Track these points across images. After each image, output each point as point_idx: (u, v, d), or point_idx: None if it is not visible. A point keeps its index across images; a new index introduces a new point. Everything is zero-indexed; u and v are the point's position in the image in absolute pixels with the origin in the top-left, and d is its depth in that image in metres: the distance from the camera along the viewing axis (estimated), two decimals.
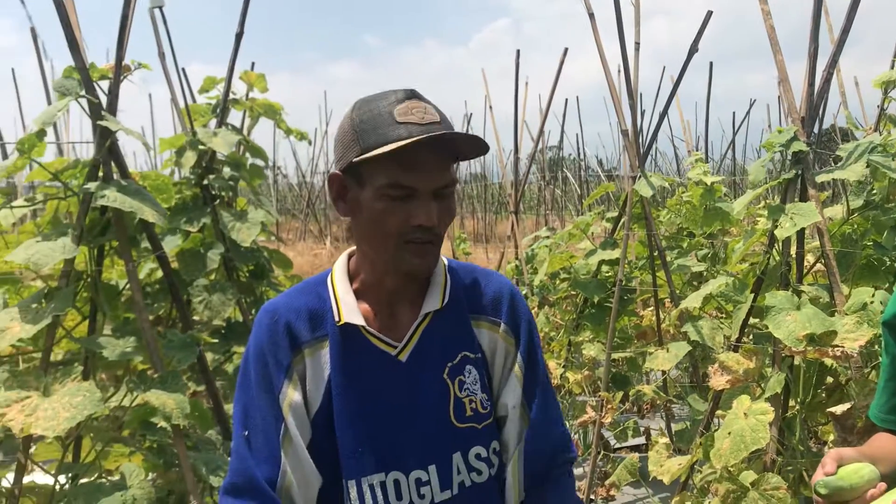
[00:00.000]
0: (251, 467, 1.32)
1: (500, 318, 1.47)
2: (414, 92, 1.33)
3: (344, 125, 1.34)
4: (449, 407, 1.41)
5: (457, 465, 1.41)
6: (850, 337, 2.32)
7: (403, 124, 1.27)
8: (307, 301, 1.41)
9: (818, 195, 2.64)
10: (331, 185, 1.37)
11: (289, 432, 1.34)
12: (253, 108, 4.09)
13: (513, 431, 1.46)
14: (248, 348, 1.40)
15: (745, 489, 2.27)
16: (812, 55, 2.62)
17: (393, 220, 1.30)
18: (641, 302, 5.44)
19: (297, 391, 1.36)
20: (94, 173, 2.42)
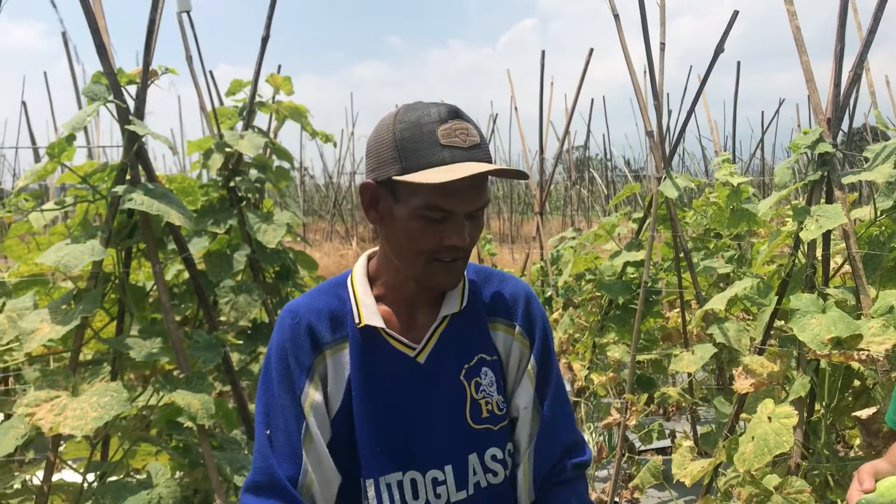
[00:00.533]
0: (273, 465, 1.35)
1: (515, 320, 1.49)
2: (456, 110, 1.33)
3: (383, 136, 1.33)
4: (465, 408, 1.43)
5: (473, 465, 1.43)
6: (875, 340, 2.29)
7: (447, 147, 1.28)
8: (328, 302, 1.43)
9: (845, 197, 2.62)
10: (363, 193, 1.38)
11: (310, 431, 1.37)
12: (279, 110, 4.13)
13: (524, 432, 1.48)
14: (271, 348, 1.42)
15: (769, 493, 2.25)
16: (838, 55, 2.60)
17: (426, 241, 1.33)
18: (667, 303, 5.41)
19: (318, 391, 1.38)
20: (121, 176, 2.47)
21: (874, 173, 2.53)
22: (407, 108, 1.33)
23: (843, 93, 2.62)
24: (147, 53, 2.47)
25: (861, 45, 2.61)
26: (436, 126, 1.29)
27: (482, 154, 1.32)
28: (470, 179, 1.28)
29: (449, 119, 1.30)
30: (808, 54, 2.72)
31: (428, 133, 1.29)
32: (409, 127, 1.30)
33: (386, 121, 1.34)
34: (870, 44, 2.61)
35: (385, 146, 1.31)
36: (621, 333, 4.42)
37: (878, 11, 2.55)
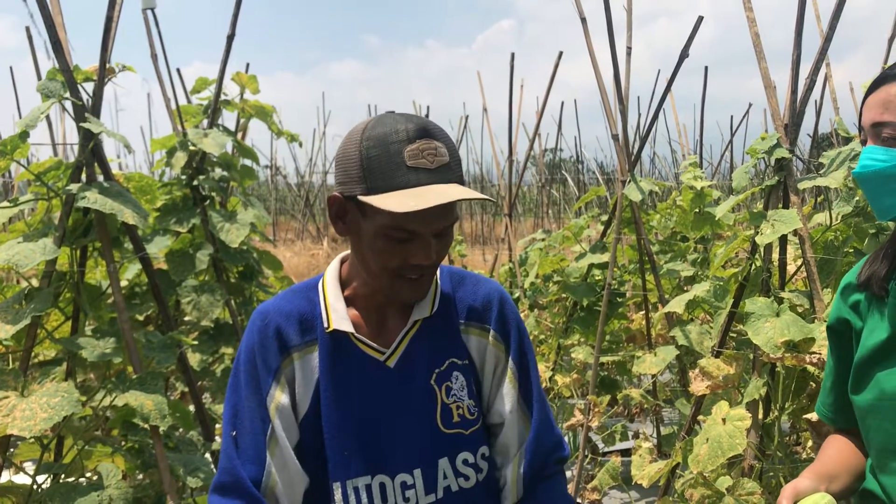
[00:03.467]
0: (237, 467, 1.36)
1: (489, 324, 1.49)
2: (426, 128, 1.30)
3: (350, 151, 1.31)
4: (436, 413, 1.43)
5: (443, 469, 1.43)
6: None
7: (413, 169, 1.27)
8: (298, 305, 1.44)
9: (800, 202, 2.65)
10: (330, 205, 1.37)
11: (275, 434, 1.37)
12: (245, 109, 4.11)
13: (512, 435, 1.49)
14: (240, 350, 1.43)
15: (721, 495, 2.27)
16: (795, 62, 2.63)
17: (391, 259, 1.33)
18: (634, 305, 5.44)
19: (284, 394, 1.39)
20: (77, 174, 2.44)
21: (829, 178, 2.56)
22: (376, 122, 1.31)
23: (800, 99, 2.66)
24: (104, 51, 2.44)
25: (817, 52, 2.65)
26: (403, 146, 1.27)
27: (451, 174, 1.30)
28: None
29: (417, 138, 1.28)
30: (766, 61, 2.75)
31: (395, 153, 1.27)
32: (376, 144, 1.28)
33: (354, 135, 1.32)
34: (825, 51, 2.64)
35: (352, 162, 1.30)
36: (586, 335, 4.45)
37: (834, 20, 2.59)
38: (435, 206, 1.25)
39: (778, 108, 2.71)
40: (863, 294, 1.47)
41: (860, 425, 1.46)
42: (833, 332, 1.55)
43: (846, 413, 1.52)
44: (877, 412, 1.39)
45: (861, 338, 1.45)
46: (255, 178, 4.22)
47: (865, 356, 1.42)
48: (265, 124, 4.15)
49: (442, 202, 1.24)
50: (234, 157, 4.05)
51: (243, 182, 4.05)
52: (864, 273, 1.46)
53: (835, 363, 1.57)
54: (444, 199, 1.25)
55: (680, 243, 4.73)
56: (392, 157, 1.27)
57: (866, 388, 1.41)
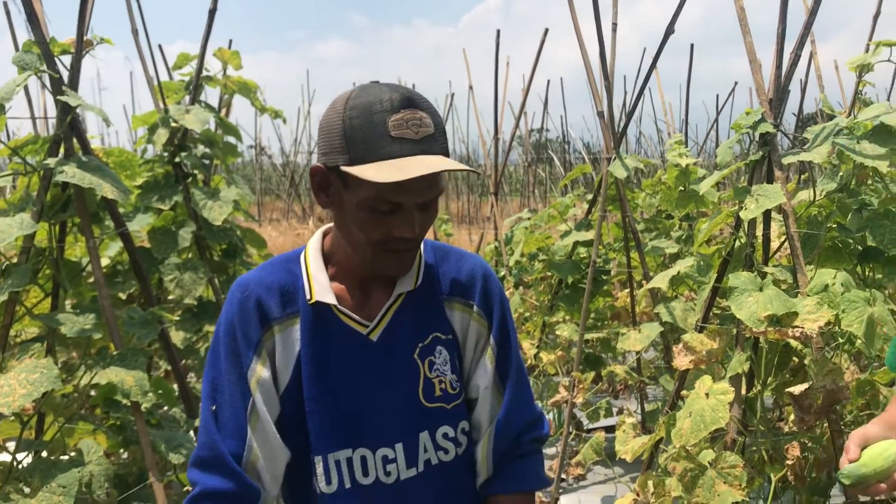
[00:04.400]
0: (217, 441, 1.34)
1: (472, 299, 1.47)
2: (410, 97, 1.27)
3: (332, 121, 1.28)
4: (418, 387, 1.42)
5: (424, 443, 1.42)
6: (810, 318, 2.33)
7: (398, 140, 1.23)
8: (279, 277, 1.41)
9: (785, 177, 2.65)
10: (313, 176, 1.34)
11: (256, 408, 1.35)
12: (227, 85, 4.07)
13: (485, 412, 1.47)
14: (220, 323, 1.40)
15: (703, 467, 2.28)
16: (780, 37, 2.62)
17: (375, 231, 1.30)
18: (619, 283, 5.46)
19: (265, 367, 1.36)
20: (55, 149, 2.40)
21: (812, 154, 2.56)
22: (360, 91, 1.28)
23: (785, 73, 2.65)
24: (81, 22, 2.40)
25: (802, 26, 2.64)
26: (387, 115, 1.24)
27: (436, 146, 1.27)
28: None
29: (401, 108, 1.25)
30: (751, 35, 2.74)
31: (378, 123, 1.24)
32: (360, 114, 1.25)
33: (337, 104, 1.29)
34: (810, 25, 2.63)
35: (334, 132, 1.27)
36: (571, 312, 4.45)
37: None
38: (419, 177, 1.22)
39: (763, 83, 2.70)
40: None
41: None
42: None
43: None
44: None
45: None
46: (239, 155, 4.18)
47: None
48: (248, 100, 4.11)
49: (425, 173, 1.22)
50: (217, 133, 4.01)
51: (226, 159, 4.01)
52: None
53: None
54: (428, 169, 1.22)
55: (665, 221, 4.74)
56: (376, 127, 1.24)
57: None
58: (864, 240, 2.73)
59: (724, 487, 2.23)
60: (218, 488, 1.32)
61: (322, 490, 1.40)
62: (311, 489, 1.41)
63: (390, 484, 1.41)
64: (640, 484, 2.74)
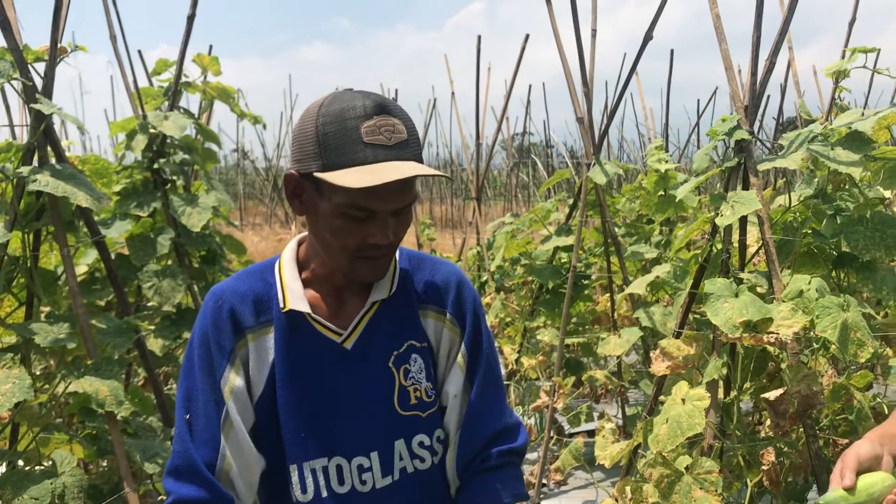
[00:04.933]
0: (191, 450, 1.34)
1: (445, 307, 1.48)
2: (384, 104, 1.28)
3: (307, 127, 1.29)
4: (394, 395, 1.42)
5: (399, 451, 1.42)
6: (785, 324, 2.34)
7: (371, 146, 1.24)
8: (253, 286, 1.41)
9: (760, 183, 2.67)
10: (287, 183, 1.35)
11: (229, 417, 1.35)
12: (206, 91, 4.05)
13: (453, 419, 1.47)
14: (194, 333, 1.40)
15: (680, 473, 2.29)
16: (755, 44, 2.64)
17: (349, 238, 1.30)
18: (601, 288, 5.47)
19: (239, 376, 1.36)
20: (29, 157, 2.38)
21: (787, 160, 2.58)
22: (333, 98, 1.29)
23: (760, 81, 2.67)
24: (55, 29, 2.38)
25: (777, 33, 2.66)
26: (360, 122, 1.25)
27: (409, 152, 1.28)
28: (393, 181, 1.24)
29: (374, 114, 1.26)
30: (727, 42, 2.76)
31: (351, 129, 1.25)
32: (333, 121, 1.25)
33: (311, 110, 1.30)
34: (785, 33, 2.65)
35: (308, 138, 1.28)
36: (551, 317, 4.46)
37: (793, 3, 2.60)
38: (392, 183, 1.23)
39: (738, 90, 2.72)
40: None
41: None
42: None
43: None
44: None
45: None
46: (217, 162, 4.16)
47: None
48: (227, 106, 4.10)
49: (398, 178, 1.22)
50: (196, 139, 3.99)
51: (205, 165, 4.00)
52: None
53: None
54: (401, 174, 1.23)
55: (645, 226, 4.76)
56: (349, 133, 1.25)
57: None
58: (838, 245, 2.75)
59: (700, 493, 2.24)
60: (191, 497, 1.32)
61: (298, 499, 1.40)
62: (287, 498, 1.41)
63: (366, 493, 1.41)
64: (619, 489, 2.75)
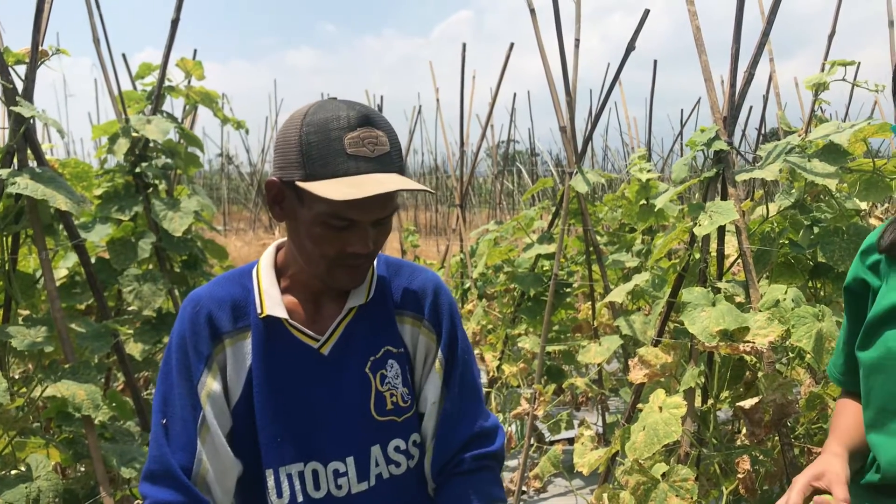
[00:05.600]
0: (167, 455, 1.34)
1: (422, 313, 1.49)
2: (367, 115, 1.29)
3: (289, 136, 1.30)
4: (370, 400, 1.43)
5: (375, 457, 1.43)
6: (761, 333, 2.37)
7: (353, 157, 1.25)
8: (231, 291, 1.42)
9: (738, 194, 2.70)
10: (268, 189, 1.36)
11: (206, 421, 1.35)
12: (190, 95, 4.05)
13: (430, 426, 1.49)
14: (171, 338, 1.41)
15: (656, 481, 2.31)
16: (734, 56, 2.67)
17: (329, 247, 1.32)
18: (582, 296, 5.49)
19: (216, 381, 1.37)
20: (8, 160, 2.38)
21: (765, 171, 2.61)
22: (317, 108, 1.30)
23: (738, 92, 2.70)
24: (36, 32, 2.38)
25: (755, 46, 2.69)
26: (343, 133, 1.26)
27: (391, 164, 1.29)
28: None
29: (358, 126, 1.27)
30: (707, 54, 2.79)
31: (335, 140, 1.26)
32: (316, 131, 1.26)
33: (295, 118, 1.31)
34: (763, 45, 2.69)
35: (291, 147, 1.29)
36: (533, 325, 4.48)
37: (772, 15, 2.64)
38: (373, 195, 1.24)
39: (717, 101, 2.75)
40: (883, 256, 1.48)
41: (862, 383, 1.48)
42: (850, 292, 1.57)
43: (856, 374, 1.53)
44: (881, 370, 1.41)
45: (877, 298, 1.47)
46: (200, 166, 4.16)
47: (878, 315, 1.43)
48: (211, 110, 4.10)
49: (380, 192, 1.24)
50: (179, 144, 3.99)
51: (188, 170, 3.99)
52: (887, 237, 1.46)
53: (849, 323, 1.59)
54: (383, 188, 1.24)
55: (627, 235, 4.79)
56: (332, 144, 1.26)
57: (873, 346, 1.43)
58: (815, 256, 2.79)
59: (675, 500, 2.26)
60: (168, 501, 1.33)
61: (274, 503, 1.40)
62: (263, 502, 1.42)
63: (342, 497, 1.42)
64: (597, 497, 2.76)
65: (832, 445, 1.49)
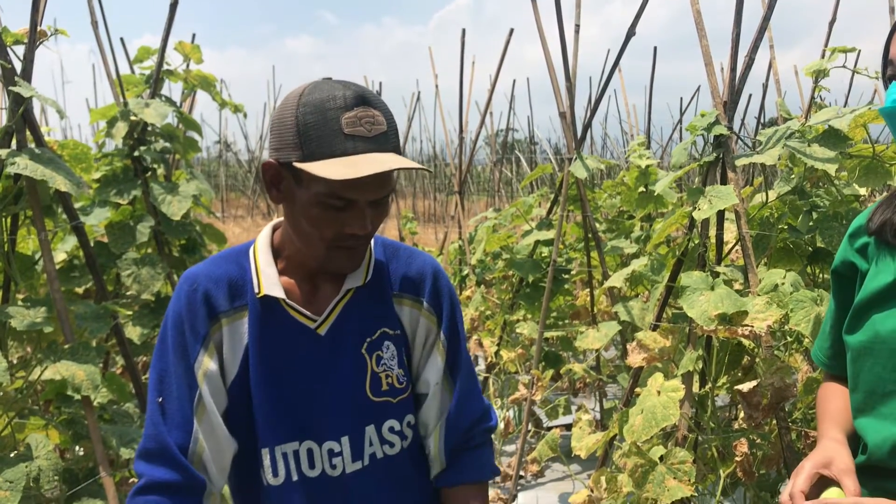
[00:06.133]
0: (163, 433, 1.34)
1: (422, 296, 1.50)
2: (364, 95, 1.29)
3: (286, 116, 1.29)
4: (365, 381, 1.44)
5: (369, 437, 1.44)
6: (759, 317, 2.38)
7: (350, 137, 1.25)
8: (227, 270, 1.41)
9: (738, 178, 2.70)
10: (265, 171, 1.35)
11: (202, 400, 1.35)
12: (188, 79, 4.04)
13: (434, 406, 1.50)
14: (167, 316, 1.40)
15: (654, 463, 2.32)
16: (734, 41, 2.67)
17: (327, 228, 1.31)
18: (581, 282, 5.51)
19: (213, 360, 1.37)
20: (7, 141, 2.37)
21: (764, 156, 2.61)
22: (313, 88, 1.29)
23: (739, 77, 2.70)
24: (35, 12, 2.37)
25: (756, 30, 2.69)
26: (340, 112, 1.26)
27: (388, 144, 1.29)
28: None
29: (354, 105, 1.27)
30: (707, 39, 2.78)
31: (332, 120, 1.25)
32: (313, 111, 1.26)
33: (290, 99, 1.30)
34: (764, 30, 2.68)
35: (287, 128, 1.28)
36: (531, 311, 4.49)
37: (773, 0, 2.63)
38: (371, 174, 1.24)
39: (717, 86, 2.75)
40: (872, 238, 1.46)
41: (849, 367, 1.47)
42: (837, 275, 1.55)
43: (842, 359, 1.52)
44: (869, 354, 1.40)
45: (864, 281, 1.46)
46: (199, 151, 4.15)
47: (866, 298, 1.43)
48: (209, 94, 4.09)
49: (378, 171, 1.23)
50: (178, 128, 3.98)
51: (186, 154, 3.99)
52: (876, 219, 1.44)
53: (836, 307, 1.57)
54: (382, 167, 1.24)
55: (626, 221, 4.79)
56: (329, 124, 1.25)
57: (861, 330, 1.42)
58: (814, 241, 2.79)
59: (673, 483, 2.27)
60: (163, 479, 1.33)
61: (269, 482, 1.41)
62: (258, 481, 1.42)
63: (336, 477, 1.43)
64: (594, 480, 2.77)
65: (831, 431, 1.48)
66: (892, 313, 1.38)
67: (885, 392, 1.37)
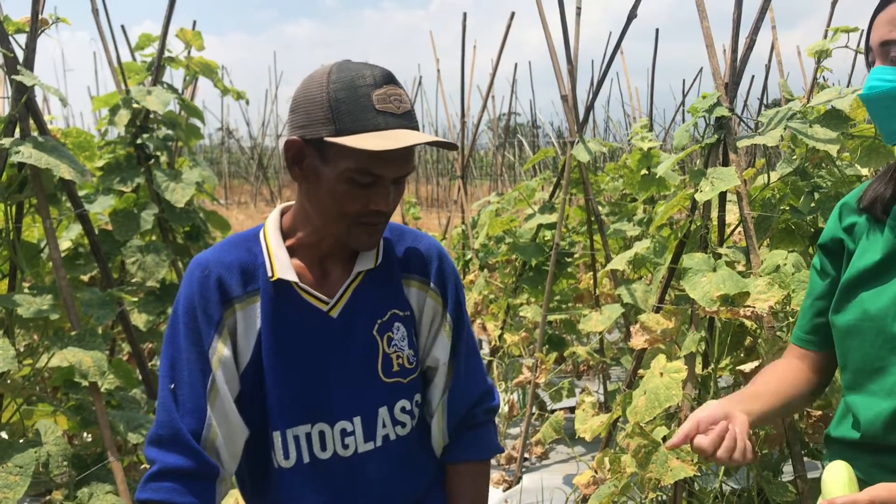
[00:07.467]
0: (176, 420, 1.34)
1: (429, 277, 1.52)
2: (390, 75, 1.33)
3: (314, 93, 1.31)
4: (377, 362, 1.45)
5: (382, 418, 1.46)
6: (761, 298, 2.38)
7: (382, 113, 1.29)
8: (238, 256, 1.42)
9: (740, 159, 2.70)
10: (287, 149, 1.36)
11: (216, 385, 1.36)
12: (189, 66, 4.04)
13: (440, 384, 1.53)
14: (178, 301, 1.40)
15: (657, 444, 2.34)
16: (735, 22, 2.66)
17: (352, 204, 1.33)
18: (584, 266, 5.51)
19: (226, 346, 1.38)
20: (10, 129, 2.38)
21: (766, 137, 2.61)
22: (340, 67, 1.32)
23: (740, 58, 2.69)
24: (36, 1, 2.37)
25: (757, 12, 2.68)
26: (371, 90, 1.29)
27: (413, 121, 1.34)
28: (402, 148, 1.28)
29: (384, 83, 1.30)
30: (708, 20, 2.78)
31: (363, 96, 1.28)
32: (344, 87, 1.28)
33: (318, 77, 1.32)
34: (765, 11, 2.67)
35: (317, 104, 1.30)
36: (534, 294, 4.50)
37: None
38: (401, 150, 1.28)
39: (718, 68, 2.74)
40: (861, 216, 1.45)
41: (837, 347, 1.46)
42: (824, 250, 1.53)
43: (820, 335, 1.52)
44: (857, 333, 1.39)
45: (852, 259, 1.45)
46: (201, 137, 4.16)
47: (853, 277, 1.42)
48: (211, 81, 4.09)
49: (414, 143, 1.28)
50: (180, 115, 3.99)
51: (189, 141, 4.00)
52: (868, 195, 1.43)
53: (820, 282, 1.54)
54: (416, 140, 1.28)
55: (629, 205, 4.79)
56: (361, 100, 1.28)
57: (848, 309, 1.42)
58: (815, 222, 2.79)
59: (676, 463, 2.29)
60: (176, 465, 1.33)
61: (280, 465, 1.42)
62: (269, 464, 1.44)
63: (347, 457, 1.44)
64: (598, 461, 2.80)
65: (748, 402, 1.42)
66: (880, 291, 1.38)
67: (874, 369, 1.37)
